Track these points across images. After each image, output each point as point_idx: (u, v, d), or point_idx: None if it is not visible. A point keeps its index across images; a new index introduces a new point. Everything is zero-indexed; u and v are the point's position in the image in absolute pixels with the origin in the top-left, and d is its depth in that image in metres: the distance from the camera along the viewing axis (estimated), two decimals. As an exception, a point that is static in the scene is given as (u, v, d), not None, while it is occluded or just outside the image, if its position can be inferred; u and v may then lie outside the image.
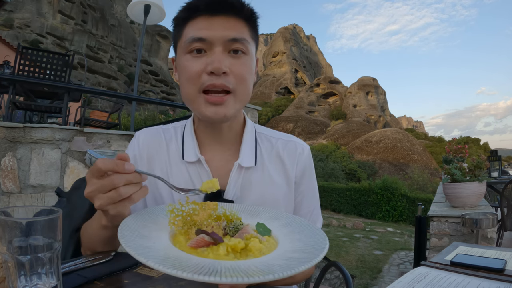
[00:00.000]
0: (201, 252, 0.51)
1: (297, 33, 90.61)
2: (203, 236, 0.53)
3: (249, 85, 0.76)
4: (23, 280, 0.42)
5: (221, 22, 0.70)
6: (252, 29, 0.75)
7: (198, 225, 0.57)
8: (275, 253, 0.51)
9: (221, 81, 0.69)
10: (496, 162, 5.52)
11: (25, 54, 3.40)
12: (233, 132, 0.83)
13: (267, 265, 0.45)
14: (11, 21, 33.41)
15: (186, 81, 0.72)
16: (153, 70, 45.39)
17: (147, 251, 0.46)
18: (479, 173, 3.00)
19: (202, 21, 0.70)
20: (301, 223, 0.64)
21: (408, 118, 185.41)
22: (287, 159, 0.84)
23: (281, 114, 53.65)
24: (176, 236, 0.57)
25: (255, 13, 0.75)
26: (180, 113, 11.56)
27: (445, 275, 0.58)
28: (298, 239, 0.56)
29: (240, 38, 0.71)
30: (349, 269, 5.74)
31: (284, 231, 0.61)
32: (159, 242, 0.52)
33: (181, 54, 0.74)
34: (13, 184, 2.35)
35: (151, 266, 0.42)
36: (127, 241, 0.49)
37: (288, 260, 0.47)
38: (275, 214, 0.69)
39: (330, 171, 22.99)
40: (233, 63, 0.71)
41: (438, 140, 58.24)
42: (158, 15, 4.32)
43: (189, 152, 0.80)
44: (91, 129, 2.87)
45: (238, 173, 0.79)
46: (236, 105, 0.74)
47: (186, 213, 0.59)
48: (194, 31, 0.70)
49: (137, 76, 4.33)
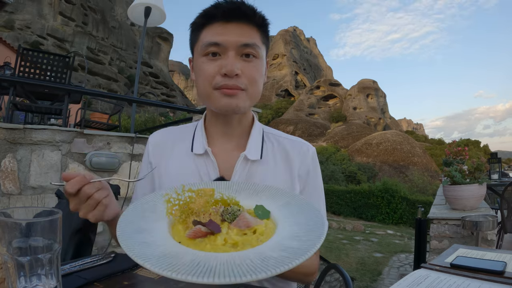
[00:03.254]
0: (198, 243, 0.51)
1: (297, 36, 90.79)
2: (200, 227, 0.53)
3: (260, 86, 0.82)
4: (23, 281, 0.42)
5: (235, 28, 0.77)
6: (263, 34, 0.82)
7: (196, 213, 0.57)
8: (273, 241, 0.51)
9: (234, 82, 0.76)
10: (496, 164, 5.51)
11: (26, 56, 3.41)
12: (242, 127, 0.88)
13: (262, 258, 0.45)
14: (12, 23, 33.47)
15: (202, 81, 0.79)
16: (153, 72, 45.43)
17: (145, 249, 0.47)
18: (479, 175, 3.00)
19: (217, 27, 0.77)
20: (300, 202, 0.64)
21: (408, 120, 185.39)
22: (292, 157, 0.87)
23: (281, 117, 53.62)
24: (175, 225, 0.57)
25: (266, 20, 0.82)
26: (180, 115, 11.56)
27: (445, 277, 0.58)
28: (295, 223, 0.56)
29: (252, 44, 0.77)
30: (349, 271, 5.73)
31: (284, 212, 0.61)
32: (158, 235, 0.53)
33: (198, 57, 0.81)
34: (13, 185, 2.35)
35: (148, 269, 0.42)
36: (125, 238, 0.49)
37: (284, 251, 0.47)
38: (275, 192, 0.69)
39: (330, 173, 22.96)
40: (244, 66, 0.77)
41: (438, 142, 58.19)
42: (158, 17, 4.33)
43: (198, 145, 0.86)
44: (91, 130, 2.87)
45: (243, 165, 0.83)
46: (247, 100, 0.80)
47: (183, 202, 0.59)
48: (210, 36, 0.77)
49: (138, 78, 4.34)
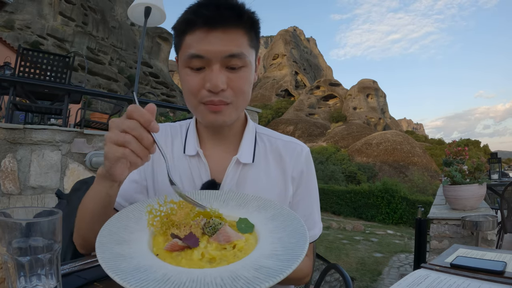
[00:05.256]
0: (175, 257, 0.51)
1: (297, 36, 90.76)
2: (177, 241, 0.53)
3: (247, 94, 0.77)
4: (23, 281, 0.42)
5: (219, 36, 0.70)
6: (252, 37, 0.75)
7: (177, 225, 0.57)
8: (249, 259, 0.50)
9: (219, 97, 0.72)
10: (496, 164, 5.52)
11: (26, 56, 3.41)
12: (233, 131, 0.85)
13: (233, 277, 0.45)
14: (12, 23, 33.47)
15: (188, 94, 0.76)
16: (153, 72, 45.43)
17: (120, 262, 0.47)
18: (479, 175, 3.00)
19: (199, 34, 0.70)
20: (288, 217, 0.62)
21: (408, 120, 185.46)
22: (285, 158, 0.85)
23: (281, 117, 53.61)
24: (156, 236, 0.57)
25: (255, 20, 0.75)
26: (180, 115, 11.56)
27: (445, 277, 0.58)
28: (278, 238, 0.55)
29: (238, 54, 0.71)
30: (349, 271, 5.73)
31: (269, 226, 0.60)
32: (136, 247, 0.53)
33: (182, 65, 0.76)
34: (13, 185, 2.35)
35: (118, 282, 0.43)
36: (103, 250, 0.50)
37: (257, 271, 0.46)
38: (263, 203, 0.68)
39: (330, 173, 22.98)
40: (231, 78, 0.72)
41: (438, 142, 58.17)
42: (158, 17, 4.33)
43: (190, 147, 0.83)
44: (91, 130, 2.87)
45: (235, 168, 0.81)
46: (233, 112, 0.76)
47: (164, 213, 0.59)
48: (193, 46, 0.71)
49: (138, 78, 4.33)
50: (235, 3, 0.72)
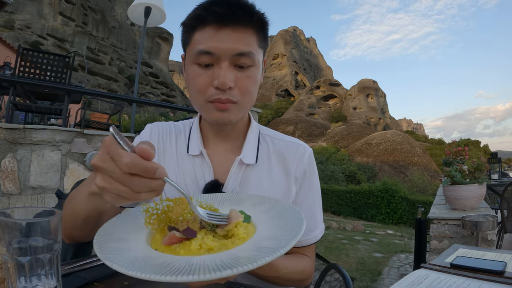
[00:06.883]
0: (173, 249, 0.51)
1: (297, 36, 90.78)
2: (174, 233, 0.53)
3: (253, 95, 0.79)
4: (23, 281, 0.42)
5: (229, 33, 0.70)
6: (261, 37, 0.76)
7: (174, 222, 0.57)
8: (249, 242, 0.51)
9: (227, 95, 0.72)
10: (496, 164, 5.52)
11: (26, 56, 3.41)
12: (237, 131, 0.86)
13: (233, 258, 0.45)
14: (12, 23, 33.48)
15: (195, 92, 0.75)
16: (153, 72, 45.44)
17: (118, 254, 0.47)
18: (479, 175, 3.00)
19: (210, 31, 0.70)
20: (283, 206, 0.63)
21: (408, 120, 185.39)
22: (288, 159, 0.85)
23: (281, 117, 53.63)
24: (154, 234, 0.57)
25: (265, 21, 0.76)
26: (180, 115, 11.57)
27: (445, 277, 0.58)
28: (276, 224, 0.56)
29: (247, 52, 0.71)
30: (349, 271, 5.73)
31: (265, 217, 0.61)
32: (134, 244, 0.53)
33: (189, 62, 0.75)
34: (13, 185, 2.35)
35: (117, 270, 0.43)
36: (100, 245, 0.50)
37: (257, 251, 0.47)
38: (258, 200, 0.68)
39: (330, 173, 22.97)
40: (238, 77, 0.73)
41: (438, 142, 58.18)
42: (158, 17, 4.34)
43: (194, 146, 0.83)
44: (91, 130, 2.87)
45: (238, 169, 0.81)
46: (239, 112, 0.77)
47: (160, 211, 0.59)
48: (202, 42, 0.71)
49: (138, 78, 4.34)
50: (246, 2, 0.72)
